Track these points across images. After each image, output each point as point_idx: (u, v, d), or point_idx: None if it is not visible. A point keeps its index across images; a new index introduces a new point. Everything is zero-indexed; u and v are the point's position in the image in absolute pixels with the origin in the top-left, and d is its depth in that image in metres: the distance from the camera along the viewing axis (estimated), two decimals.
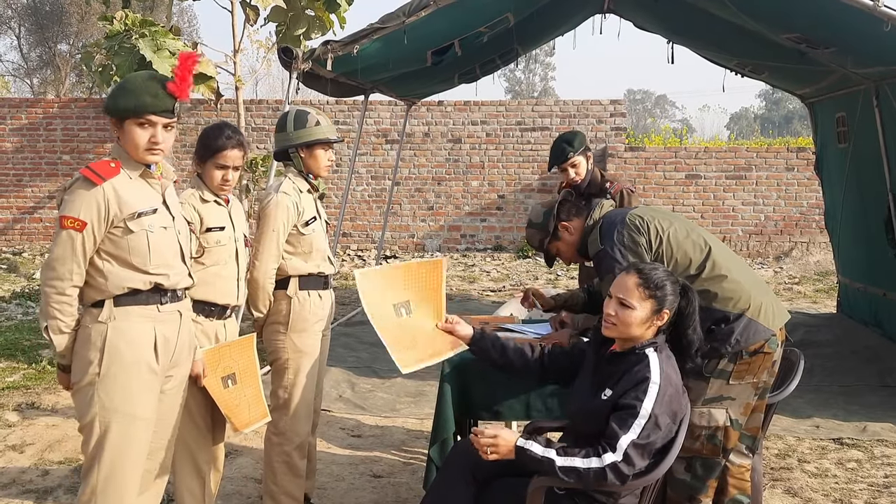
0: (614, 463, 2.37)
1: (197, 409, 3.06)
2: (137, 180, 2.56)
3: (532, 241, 3.35)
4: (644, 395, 2.41)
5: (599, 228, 3.04)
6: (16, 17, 23.07)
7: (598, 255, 3.03)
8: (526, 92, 48.26)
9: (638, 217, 2.98)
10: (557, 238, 3.25)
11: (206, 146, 3.07)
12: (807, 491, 3.93)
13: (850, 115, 6.84)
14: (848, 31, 5.01)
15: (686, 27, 6.72)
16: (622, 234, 2.95)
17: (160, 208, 2.59)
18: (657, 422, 2.39)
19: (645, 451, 2.40)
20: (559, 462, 2.40)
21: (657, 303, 2.54)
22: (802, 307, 8.54)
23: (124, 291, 2.51)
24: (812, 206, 11.38)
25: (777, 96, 46.63)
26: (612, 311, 2.57)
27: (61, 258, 2.45)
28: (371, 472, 4.14)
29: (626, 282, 2.58)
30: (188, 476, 3.09)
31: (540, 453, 2.43)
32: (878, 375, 5.88)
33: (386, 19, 5.37)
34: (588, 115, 11.95)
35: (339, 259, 11.70)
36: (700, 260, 2.92)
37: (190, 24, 24.38)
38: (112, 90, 2.61)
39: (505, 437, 2.47)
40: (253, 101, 12.85)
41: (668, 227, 2.96)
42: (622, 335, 2.58)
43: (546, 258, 3.43)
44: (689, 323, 2.59)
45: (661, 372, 2.46)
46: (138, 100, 2.47)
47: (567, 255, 3.32)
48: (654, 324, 2.56)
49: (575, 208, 3.23)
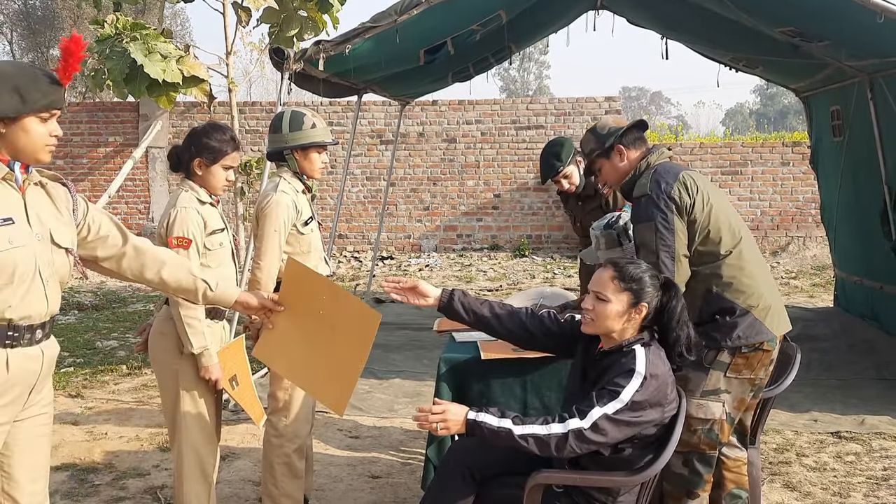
0: (579, 429, 2.37)
1: (207, 412, 3.05)
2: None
3: (584, 146, 3.22)
4: (626, 383, 2.42)
5: (653, 173, 2.96)
6: (7, 23, 23.01)
7: (641, 198, 2.94)
8: (520, 90, 48.25)
9: (691, 179, 2.94)
10: (608, 157, 3.11)
11: (213, 149, 3.04)
12: (805, 485, 3.92)
13: (844, 109, 6.84)
14: (841, 23, 5.00)
15: (679, 22, 6.71)
16: (671, 186, 2.90)
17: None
18: (633, 408, 2.39)
19: (618, 427, 2.39)
20: (517, 431, 2.39)
21: (633, 295, 2.54)
22: (799, 301, 8.54)
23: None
24: (808, 200, 11.38)
25: (772, 91, 46.67)
26: (590, 305, 2.58)
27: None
28: (369, 473, 4.13)
29: (602, 276, 2.59)
30: (195, 481, 3.05)
31: (496, 424, 2.40)
32: (875, 369, 5.89)
33: (377, 18, 5.35)
34: (583, 113, 11.94)
35: (335, 261, 11.68)
36: (730, 245, 2.91)
37: (182, 26, 24.30)
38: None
39: (454, 411, 2.42)
40: (246, 103, 12.82)
41: (715, 202, 2.94)
42: (600, 330, 2.57)
43: (587, 172, 3.30)
44: (673, 317, 2.57)
45: (647, 364, 2.46)
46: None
47: (609, 177, 3.16)
48: (632, 317, 2.55)
49: (640, 141, 3.11)
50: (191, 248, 2.94)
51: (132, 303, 9.06)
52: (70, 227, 2.28)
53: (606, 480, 2.50)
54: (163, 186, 12.33)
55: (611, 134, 3.10)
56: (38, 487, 2.28)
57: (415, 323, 7.52)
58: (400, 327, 7.50)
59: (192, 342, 2.92)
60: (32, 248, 2.14)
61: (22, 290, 2.11)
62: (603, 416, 2.37)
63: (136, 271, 2.42)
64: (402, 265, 11.46)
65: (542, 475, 2.49)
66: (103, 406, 5.26)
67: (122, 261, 2.40)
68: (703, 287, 2.90)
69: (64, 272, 2.24)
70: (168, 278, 2.45)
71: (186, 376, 3.00)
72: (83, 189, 12.41)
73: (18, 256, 2.10)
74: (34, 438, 2.25)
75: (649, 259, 2.82)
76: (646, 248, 2.88)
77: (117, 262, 2.40)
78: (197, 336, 2.93)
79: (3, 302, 2.09)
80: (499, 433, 2.39)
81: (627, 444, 2.48)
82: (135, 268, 2.42)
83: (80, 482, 3.99)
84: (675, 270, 2.83)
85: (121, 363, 6.25)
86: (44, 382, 2.25)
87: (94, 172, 12.48)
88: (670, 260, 2.84)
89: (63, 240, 2.23)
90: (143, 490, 3.90)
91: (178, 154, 3.11)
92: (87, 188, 12.37)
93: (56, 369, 2.44)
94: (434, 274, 10.81)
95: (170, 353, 3.01)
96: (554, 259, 11.55)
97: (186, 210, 2.99)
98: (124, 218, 12.44)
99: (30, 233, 2.15)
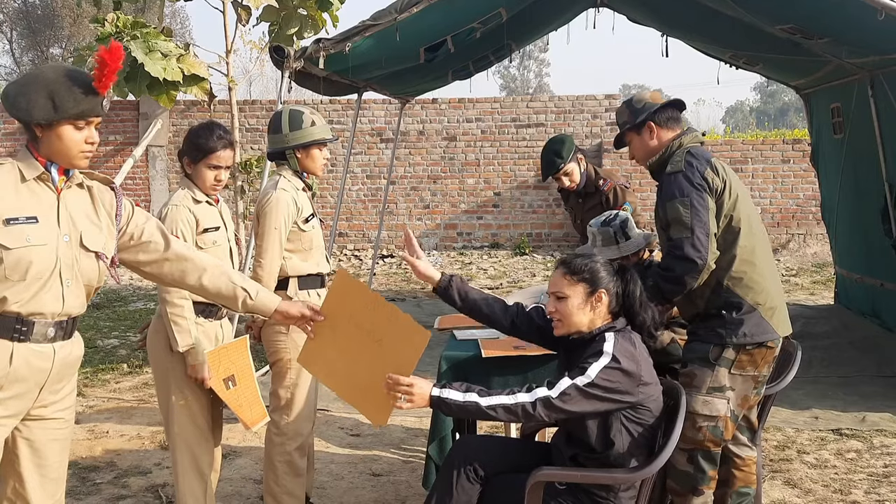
0: (547, 397, 2.42)
1: (200, 410, 3.06)
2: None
3: (618, 117, 3.18)
4: (594, 361, 2.47)
5: (686, 153, 2.93)
6: (7, 22, 23.02)
7: (671, 175, 2.90)
8: (521, 88, 48.21)
9: (721, 165, 2.95)
10: (639, 132, 3.07)
11: (197, 147, 3.05)
12: (806, 482, 3.93)
13: (845, 106, 6.84)
14: (842, 20, 5.00)
15: (679, 19, 6.70)
16: (704, 167, 2.89)
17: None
18: (600, 384, 2.43)
19: (585, 399, 2.43)
20: (483, 402, 2.44)
21: (588, 284, 2.59)
22: (800, 299, 8.54)
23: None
24: (808, 197, 11.38)
25: (772, 88, 46.65)
26: (552, 307, 2.64)
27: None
28: (370, 471, 4.14)
29: (555, 277, 2.66)
30: (190, 478, 3.07)
31: (461, 399, 2.45)
32: (876, 366, 5.89)
33: (377, 16, 5.35)
34: (583, 111, 11.94)
35: (335, 259, 11.68)
36: (746, 239, 2.91)
37: (182, 25, 24.29)
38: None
39: (421, 386, 2.44)
40: (247, 101, 12.82)
41: (740, 193, 2.94)
42: (570, 328, 2.63)
43: (615, 142, 3.26)
44: (635, 302, 2.63)
45: (615, 346, 2.51)
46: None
47: (637, 152, 3.13)
48: (595, 306, 2.60)
49: (673, 122, 3.07)
50: None
51: (133, 301, 9.07)
52: (107, 232, 2.29)
53: (608, 477, 2.51)
54: (163, 185, 12.32)
55: (644, 109, 3.05)
56: (50, 491, 2.26)
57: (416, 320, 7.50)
58: None
59: (178, 340, 2.93)
60: (55, 247, 2.15)
61: (35, 287, 2.12)
62: (571, 385, 2.43)
63: (177, 277, 2.44)
64: (403, 263, 11.46)
65: (543, 472, 2.50)
66: (105, 404, 5.26)
67: (164, 266, 2.42)
68: (714, 278, 2.89)
69: (92, 276, 2.24)
70: (208, 284, 2.46)
71: (178, 374, 3.00)
72: None
73: (35, 255, 2.11)
74: (47, 442, 2.24)
75: (683, 234, 2.81)
76: (679, 225, 2.84)
77: (159, 267, 2.42)
78: (183, 334, 2.93)
79: (13, 296, 2.09)
80: (465, 407, 2.44)
81: (618, 437, 2.49)
82: (176, 273, 2.43)
83: (81, 480, 3.99)
84: (709, 247, 2.82)
85: (122, 362, 6.25)
86: (58, 383, 2.24)
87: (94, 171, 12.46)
88: (705, 236, 2.81)
89: (94, 244, 2.24)
90: (145, 488, 3.91)
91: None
92: None
93: None
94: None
95: (163, 352, 3.02)
96: (554, 257, 11.56)
97: (177, 208, 3.00)
98: None
99: (56, 233, 2.16)
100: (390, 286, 9.96)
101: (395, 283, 10.23)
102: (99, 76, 2.14)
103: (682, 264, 2.81)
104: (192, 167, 3.07)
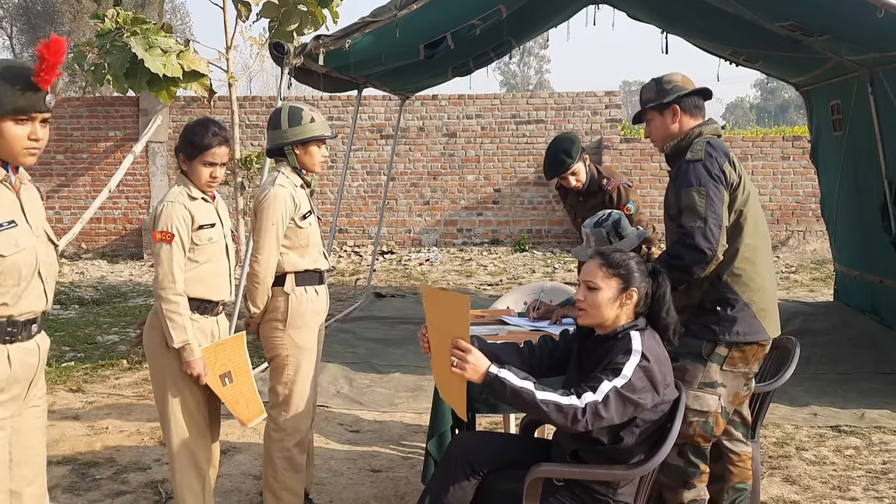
0: (595, 402, 2.36)
1: (196, 406, 3.06)
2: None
3: (644, 93, 3.14)
4: (626, 360, 2.44)
5: (706, 143, 2.92)
6: (7, 17, 23.00)
7: (691, 163, 2.89)
8: (521, 85, 48.19)
9: (737, 161, 2.96)
10: (661, 113, 3.05)
11: (192, 144, 3.04)
12: (805, 478, 3.93)
13: (844, 103, 6.84)
14: (842, 18, 5.00)
15: (679, 16, 6.70)
16: (723, 160, 2.89)
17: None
18: (634, 386, 2.40)
19: (623, 405, 2.39)
20: (539, 395, 2.36)
21: (622, 281, 2.57)
22: (799, 296, 8.54)
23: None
24: (808, 194, 11.38)
25: (772, 85, 46.56)
26: (581, 296, 2.60)
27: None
28: (370, 467, 4.14)
29: (590, 266, 2.62)
30: (188, 474, 3.07)
31: (518, 384, 2.37)
32: (875, 362, 5.89)
33: (377, 13, 5.35)
34: (583, 107, 11.94)
35: (335, 255, 11.68)
36: (751, 237, 2.92)
37: (182, 21, 24.32)
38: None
39: (477, 357, 2.38)
40: (247, 97, 12.82)
41: (751, 191, 2.96)
42: (595, 319, 2.60)
43: (633, 118, 3.25)
44: (663, 305, 2.61)
45: (643, 344, 2.49)
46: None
47: (655, 131, 3.10)
48: (624, 303, 2.57)
49: (697, 110, 3.05)
50: (174, 242, 2.95)
51: (133, 297, 9.07)
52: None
53: (606, 474, 2.51)
54: (163, 181, 12.32)
55: (673, 91, 3.02)
56: (37, 479, 2.30)
57: (415, 317, 7.52)
58: (400, 321, 7.52)
59: (173, 336, 2.93)
60: (34, 247, 2.16)
61: (22, 288, 2.14)
62: (612, 388, 2.38)
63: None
64: (403, 260, 11.47)
65: (542, 469, 2.50)
66: (104, 400, 5.27)
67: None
68: (714, 272, 2.89)
69: (56, 267, 2.30)
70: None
71: (174, 371, 3.00)
72: (83, 184, 12.43)
73: (23, 259, 2.13)
74: (31, 431, 2.27)
75: (695, 223, 2.80)
76: (692, 213, 2.82)
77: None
78: (178, 330, 2.93)
79: (8, 300, 2.11)
80: (519, 392, 2.36)
81: (628, 433, 2.49)
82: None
83: (81, 476, 4.00)
84: (720, 239, 2.82)
85: (121, 358, 6.26)
86: (39, 376, 2.28)
87: (94, 167, 12.47)
88: (717, 228, 2.81)
89: (54, 236, 2.28)
90: (144, 484, 3.92)
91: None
92: (87, 183, 12.38)
93: (57, 364, 2.47)
94: (434, 268, 10.82)
95: (159, 348, 3.02)
96: (554, 253, 11.56)
97: (172, 204, 2.99)
98: (124, 213, 12.46)
99: (30, 233, 2.17)
100: (390, 282, 9.97)
101: (394, 279, 10.23)
102: (38, 70, 2.10)
103: (692, 254, 2.81)
104: (188, 164, 3.06)
